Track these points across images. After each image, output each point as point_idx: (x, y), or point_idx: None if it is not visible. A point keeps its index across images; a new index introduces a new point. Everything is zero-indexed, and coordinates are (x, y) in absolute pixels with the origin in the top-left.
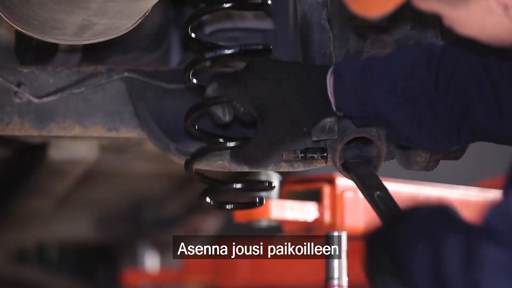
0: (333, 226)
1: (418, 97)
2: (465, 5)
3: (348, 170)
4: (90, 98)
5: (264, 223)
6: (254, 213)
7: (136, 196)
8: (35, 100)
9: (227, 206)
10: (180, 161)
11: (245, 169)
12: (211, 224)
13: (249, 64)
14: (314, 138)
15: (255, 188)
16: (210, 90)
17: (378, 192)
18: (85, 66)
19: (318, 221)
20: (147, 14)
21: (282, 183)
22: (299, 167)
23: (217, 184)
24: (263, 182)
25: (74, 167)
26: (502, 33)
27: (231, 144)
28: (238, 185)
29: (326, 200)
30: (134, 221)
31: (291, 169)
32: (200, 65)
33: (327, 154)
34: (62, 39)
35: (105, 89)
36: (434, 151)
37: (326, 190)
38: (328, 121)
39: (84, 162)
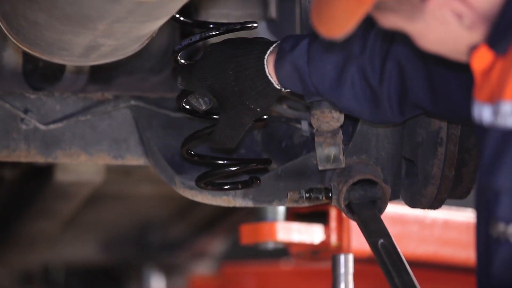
0: (339, 248)
1: (354, 79)
2: (422, 18)
3: (352, 212)
4: (97, 125)
5: (270, 245)
6: (260, 235)
7: (142, 219)
8: (42, 127)
9: (225, 186)
10: (186, 194)
11: (250, 204)
12: (217, 246)
13: (203, 52)
14: (320, 168)
15: (251, 169)
16: (179, 84)
17: (382, 240)
18: (92, 92)
19: (324, 244)
20: (153, 35)
21: None
22: (304, 204)
23: (213, 166)
24: (258, 161)
25: (80, 189)
26: (459, 44)
27: (207, 131)
28: (234, 168)
29: (333, 223)
30: (140, 244)
31: (295, 205)
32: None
33: (331, 195)
34: (69, 60)
35: (111, 116)
36: (379, 123)
37: (333, 212)
38: (333, 150)
39: (90, 184)
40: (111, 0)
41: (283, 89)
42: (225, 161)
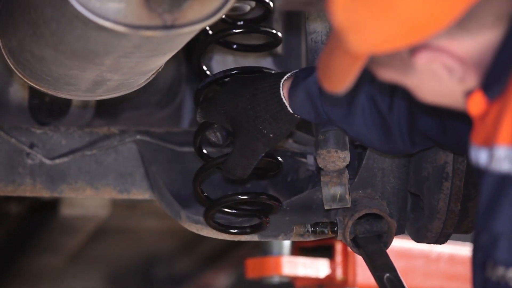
0: (345, 282)
1: (364, 106)
2: (414, 72)
3: (358, 246)
4: (102, 159)
5: (275, 279)
6: (266, 269)
7: (148, 253)
8: (48, 162)
9: (232, 230)
10: (191, 228)
11: (255, 239)
12: (222, 280)
13: (224, 83)
14: (326, 207)
15: (259, 202)
16: (198, 117)
17: (388, 274)
18: (98, 126)
19: (330, 278)
20: (160, 70)
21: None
22: (310, 238)
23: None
24: (270, 196)
25: (85, 223)
26: (455, 95)
27: (219, 161)
28: (244, 196)
29: (338, 257)
30: (145, 278)
31: (301, 239)
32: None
33: (337, 229)
34: (76, 95)
35: (117, 151)
36: (390, 152)
37: (338, 246)
38: (339, 189)
39: (96, 218)
40: (118, 35)
41: (295, 115)
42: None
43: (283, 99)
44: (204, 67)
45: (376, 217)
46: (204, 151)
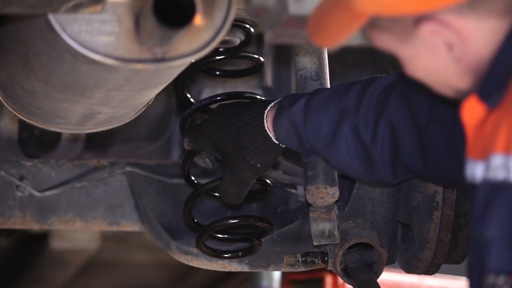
0: None
1: (348, 136)
2: (413, 42)
3: (348, 276)
4: (92, 191)
5: None
6: None
7: (138, 286)
8: (37, 194)
9: (225, 254)
10: (182, 259)
11: (246, 269)
12: None
13: (211, 111)
14: (315, 243)
15: (251, 224)
16: (185, 145)
17: None
18: (88, 159)
19: None
20: (150, 103)
21: (284, 272)
22: (300, 268)
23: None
24: (260, 219)
25: (75, 256)
26: (446, 76)
27: (210, 185)
28: (234, 220)
29: None
30: None
31: (291, 270)
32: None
33: (327, 258)
34: (66, 128)
35: (107, 183)
36: (373, 183)
37: (328, 279)
38: (328, 226)
39: (86, 251)
40: (108, 68)
41: (281, 145)
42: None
43: (267, 131)
44: (188, 95)
45: (366, 246)
46: (193, 178)
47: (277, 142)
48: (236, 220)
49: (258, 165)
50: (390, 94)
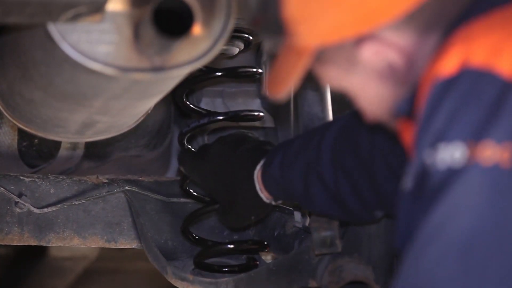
0: None
1: (315, 185)
2: (358, 71)
3: None
4: (90, 208)
5: None
6: None
7: None
8: (36, 211)
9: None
10: (177, 285)
11: None
12: None
13: (207, 151)
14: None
15: (247, 249)
16: (182, 168)
17: None
18: (87, 168)
19: None
20: (149, 112)
21: None
22: None
23: (209, 245)
24: (256, 242)
25: (75, 264)
26: (392, 100)
27: (207, 209)
28: (231, 246)
29: None
30: None
31: None
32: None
33: None
34: (65, 137)
35: (105, 200)
36: (358, 222)
37: None
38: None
39: (85, 259)
40: (107, 77)
41: (273, 203)
42: (220, 241)
43: (259, 192)
44: (188, 102)
45: (362, 282)
46: (191, 190)
47: (268, 202)
48: (233, 246)
49: (252, 217)
50: (339, 137)
